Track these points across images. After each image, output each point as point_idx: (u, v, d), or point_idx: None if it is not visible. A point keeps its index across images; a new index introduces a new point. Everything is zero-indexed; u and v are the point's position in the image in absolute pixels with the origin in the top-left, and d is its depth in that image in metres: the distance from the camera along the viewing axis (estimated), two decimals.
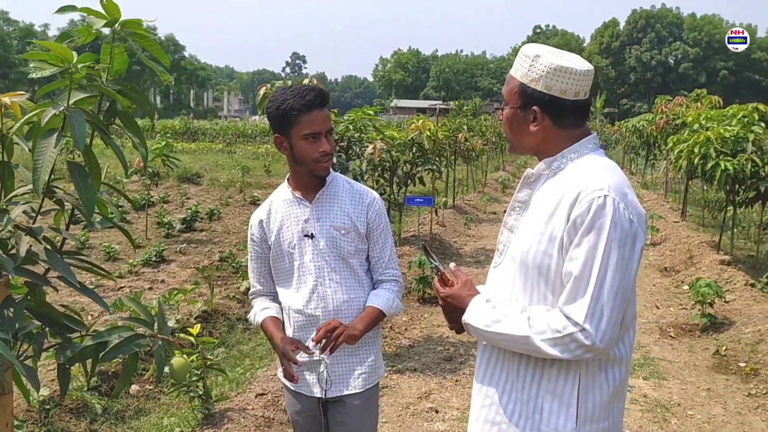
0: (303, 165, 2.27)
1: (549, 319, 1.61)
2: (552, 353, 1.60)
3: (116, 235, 10.21)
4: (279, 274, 2.42)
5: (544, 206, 1.72)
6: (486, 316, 1.72)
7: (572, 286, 1.60)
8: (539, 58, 1.73)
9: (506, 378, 1.80)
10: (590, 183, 1.64)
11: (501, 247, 1.86)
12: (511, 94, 1.79)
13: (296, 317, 2.37)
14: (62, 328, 2.10)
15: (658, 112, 13.21)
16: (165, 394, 4.44)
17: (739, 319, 6.15)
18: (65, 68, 1.68)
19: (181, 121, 40.63)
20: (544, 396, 1.72)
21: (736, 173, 7.73)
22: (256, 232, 2.42)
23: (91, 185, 1.70)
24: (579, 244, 1.60)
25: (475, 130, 16.67)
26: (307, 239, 2.32)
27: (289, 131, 2.23)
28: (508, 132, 1.85)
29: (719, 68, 77.98)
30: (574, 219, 1.61)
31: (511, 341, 1.68)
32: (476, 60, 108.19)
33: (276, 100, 2.24)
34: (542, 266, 1.68)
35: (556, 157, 1.77)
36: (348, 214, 2.36)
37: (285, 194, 2.39)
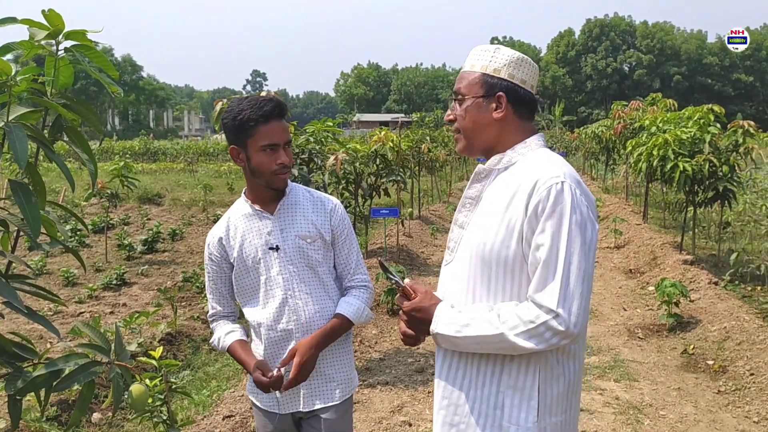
0: (260, 177, 2.21)
1: (519, 312, 1.60)
2: (528, 346, 1.59)
3: (75, 259, 9.93)
4: (243, 292, 2.33)
5: (498, 199, 1.73)
6: (454, 322, 1.68)
7: (541, 272, 1.60)
8: (500, 50, 1.80)
9: (464, 376, 1.77)
10: (546, 171, 1.67)
11: (452, 245, 1.85)
12: (472, 86, 1.80)
13: (268, 334, 2.28)
14: (12, 356, 1.99)
15: (616, 117, 13.43)
16: (129, 420, 4.28)
17: (704, 317, 6.23)
18: (4, 81, 1.59)
19: (141, 142, 40.04)
20: (505, 391, 1.71)
21: (695, 174, 7.88)
22: (215, 251, 2.32)
23: (35, 204, 1.60)
24: (543, 230, 1.61)
25: (438, 140, 16.75)
26: (272, 252, 2.25)
27: (245, 142, 2.17)
28: (467, 124, 1.82)
29: (672, 74, 80.00)
30: (534, 206, 1.62)
31: (483, 343, 1.65)
32: (436, 72, 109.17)
33: (232, 111, 2.18)
34: (500, 258, 1.68)
35: (507, 152, 1.79)
36: (312, 221, 2.31)
37: (243, 208, 2.32)
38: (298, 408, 2.31)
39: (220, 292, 2.38)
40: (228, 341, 2.31)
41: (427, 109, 70.41)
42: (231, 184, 19.13)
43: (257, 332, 2.30)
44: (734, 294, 6.87)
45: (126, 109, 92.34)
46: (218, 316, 2.40)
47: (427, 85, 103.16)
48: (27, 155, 1.54)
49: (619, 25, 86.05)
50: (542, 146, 1.81)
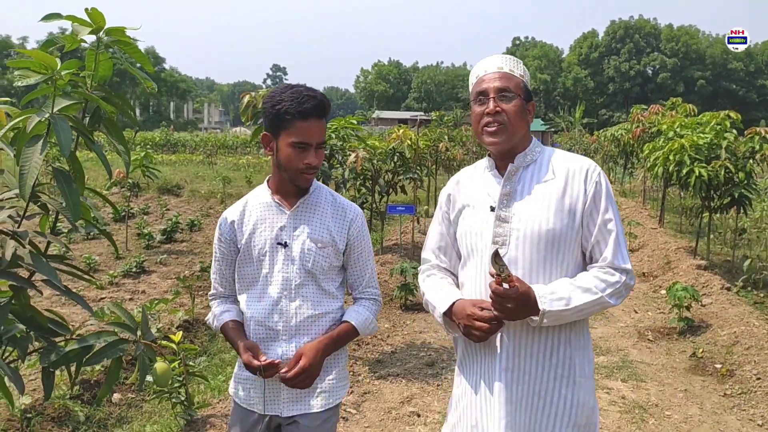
0: (285, 171, 2.16)
1: (605, 277, 1.96)
2: (613, 304, 1.98)
3: (96, 246, 10.16)
4: (243, 280, 2.27)
5: (548, 189, 2.02)
6: (558, 299, 1.92)
7: (614, 242, 1.98)
8: (521, 63, 2.12)
9: (539, 347, 2.01)
10: (587, 162, 2.06)
11: (500, 239, 2.03)
12: (519, 88, 2.05)
13: (256, 329, 2.22)
14: (47, 332, 2.12)
15: (634, 120, 13.41)
16: (147, 401, 4.43)
17: (715, 321, 6.27)
18: (49, 75, 1.72)
19: (162, 133, 40.44)
20: (574, 351, 2.03)
21: (710, 179, 7.89)
22: (226, 232, 2.27)
23: (75, 190, 1.73)
24: (607, 209, 2.00)
25: (456, 140, 16.81)
26: (280, 248, 2.19)
27: (278, 133, 2.12)
28: (515, 121, 2.04)
29: (696, 78, 79.17)
30: (594, 190, 2.00)
31: (585, 310, 1.95)
32: (457, 71, 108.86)
33: (273, 98, 2.11)
34: (565, 238, 1.99)
35: (527, 151, 2.09)
36: (328, 227, 2.23)
37: (263, 196, 2.26)
38: (280, 412, 2.23)
39: (223, 274, 2.32)
40: (223, 319, 2.28)
41: (446, 108, 70.25)
42: (249, 177, 19.33)
43: (248, 324, 2.26)
44: (746, 300, 6.90)
45: (147, 101, 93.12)
46: (218, 296, 2.37)
47: (447, 84, 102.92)
48: (70, 145, 1.67)
49: (644, 27, 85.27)
50: (543, 145, 2.15)
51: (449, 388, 4.90)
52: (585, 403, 2.04)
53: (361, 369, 5.23)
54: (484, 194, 2.10)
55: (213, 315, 2.34)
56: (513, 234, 2.01)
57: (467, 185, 2.20)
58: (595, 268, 2.00)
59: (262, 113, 2.19)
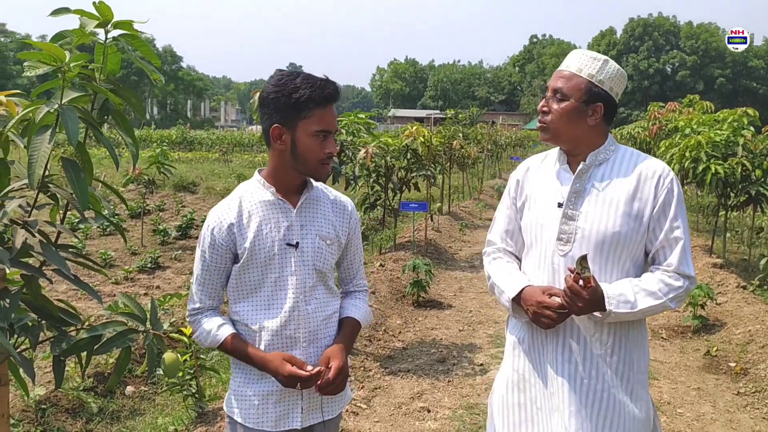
0: (304, 164, 1.99)
1: (670, 282, 2.01)
2: (673, 307, 2.03)
3: (112, 242, 10.27)
4: (243, 287, 2.04)
5: (618, 191, 2.05)
6: (625, 301, 1.97)
7: (681, 249, 2.01)
8: (608, 63, 2.09)
9: (601, 346, 2.06)
10: (660, 166, 2.07)
11: (565, 236, 2.08)
12: (576, 89, 2.06)
13: (271, 339, 2.01)
14: (58, 321, 2.16)
15: (651, 118, 13.31)
16: (159, 394, 4.49)
17: (730, 320, 6.21)
18: (58, 67, 1.75)
19: (178, 131, 40.72)
20: (633, 348, 2.09)
21: (727, 177, 7.81)
22: (222, 238, 2.00)
23: (84, 179, 1.76)
24: (676, 216, 2.02)
25: (471, 137, 16.77)
26: (290, 249, 2.02)
27: (296, 124, 1.94)
28: (560, 122, 2.08)
29: (716, 76, 78.25)
30: (665, 195, 2.02)
31: (648, 312, 2.01)
32: (473, 69, 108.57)
33: (285, 87, 1.93)
34: (629, 240, 2.03)
35: (600, 150, 2.10)
36: (332, 223, 2.13)
37: (262, 194, 2.05)
38: (320, 418, 2.10)
39: (213, 286, 2.07)
40: (222, 334, 2.02)
41: (462, 107, 70.09)
42: None
43: (254, 334, 2.03)
44: (762, 299, 6.83)
45: (164, 99, 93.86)
46: (205, 309, 2.09)
47: (463, 82, 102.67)
48: (78, 135, 1.70)
49: (663, 24, 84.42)
50: (618, 144, 2.16)
51: (460, 384, 4.91)
52: (644, 398, 2.12)
53: (371, 364, 5.25)
54: (552, 188, 2.16)
55: (206, 331, 2.05)
56: (578, 233, 2.06)
57: (536, 175, 2.25)
58: (660, 271, 2.04)
59: (267, 105, 1.97)
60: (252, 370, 2.03)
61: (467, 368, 5.25)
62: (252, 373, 2.04)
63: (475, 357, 5.52)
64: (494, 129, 23.92)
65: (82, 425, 3.96)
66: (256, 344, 2.02)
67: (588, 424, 2.05)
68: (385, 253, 9.10)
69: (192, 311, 2.10)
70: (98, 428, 3.99)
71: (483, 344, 5.88)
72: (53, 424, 3.87)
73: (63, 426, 3.89)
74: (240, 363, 2.06)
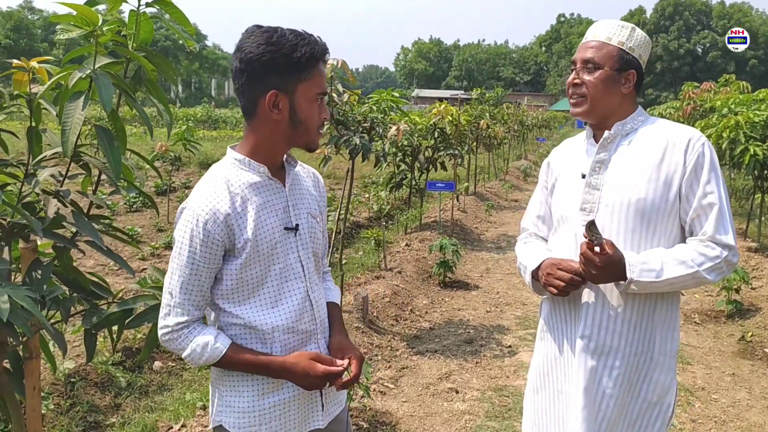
0: (304, 134, 1.72)
1: (704, 251, 1.87)
2: (710, 279, 1.87)
3: (139, 219, 10.33)
4: (245, 286, 1.72)
5: (643, 158, 1.94)
6: (649, 269, 1.85)
7: (716, 216, 1.87)
8: (635, 30, 2.01)
9: (616, 321, 1.95)
10: (690, 131, 1.95)
11: (588, 206, 2.00)
12: (608, 57, 1.98)
13: (285, 339, 1.76)
14: (89, 294, 2.13)
15: (686, 98, 13.00)
16: (187, 369, 4.49)
17: (765, 305, 6.05)
18: (91, 30, 1.69)
19: (203, 109, 40.91)
20: (655, 328, 1.97)
21: (766, 159, 7.59)
22: (218, 232, 1.65)
23: (117, 148, 1.71)
24: (709, 181, 1.89)
25: (498, 117, 16.56)
26: (290, 233, 1.77)
27: (294, 87, 1.65)
28: (596, 92, 1.99)
29: (748, 57, 76.47)
30: (695, 160, 1.89)
31: (677, 283, 1.87)
32: (499, 50, 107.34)
33: (281, 45, 1.61)
34: (659, 208, 1.91)
35: (627, 120, 2.02)
36: (315, 198, 1.90)
37: (248, 176, 1.72)
38: (337, 410, 1.94)
39: (203, 292, 1.71)
40: (225, 344, 1.70)
41: (487, 87, 69.38)
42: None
43: (265, 336, 1.74)
44: None
45: (189, 78, 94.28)
46: (191, 322, 1.71)
47: (488, 63, 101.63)
48: (111, 101, 1.64)
49: (694, 4, 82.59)
50: (648, 115, 2.07)
51: (488, 365, 4.84)
52: (660, 382, 2.00)
53: (398, 344, 5.20)
54: (579, 162, 2.09)
55: (200, 346, 1.68)
56: (602, 201, 1.98)
57: (565, 154, 2.21)
58: (695, 240, 1.91)
59: (258, 69, 1.63)
60: (265, 379, 1.74)
61: (495, 350, 5.19)
62: (266, 382, 1.75)
63: (503, 338, 5.45)
64: (520, 109, 23.63)
65: (110, 399, 3.97)
66: (268, 347, 1.73)
67: (592, 401, 1.99)
68: (410, 233, 9.04)
69: (176, 327, 1.69)
70: (126, 402, 4.00)
71: (511, 326, 5.80)
72: (82, 397, 3.88)
73: (92, 399, 3.90)
74: (245, 375, 1.75)
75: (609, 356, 1.97)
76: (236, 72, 1.66)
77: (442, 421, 3.99)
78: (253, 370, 1.72)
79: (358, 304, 5.42)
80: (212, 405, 1.83)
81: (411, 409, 4.13)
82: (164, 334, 1.71)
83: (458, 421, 3.98)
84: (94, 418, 3.77)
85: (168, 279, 1.71)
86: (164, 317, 1.71)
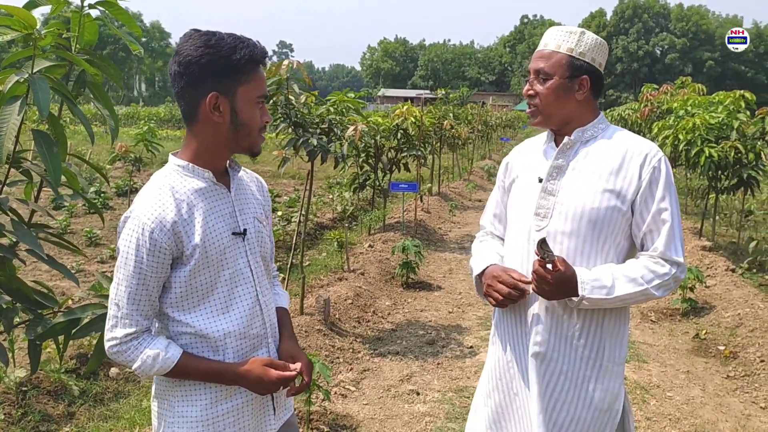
0: (246, 137, 1.70)
1: (653, 268, 1.90)
2: (658, 296, 1.92)
3: (98, 220, 10.12)
4: (194, 293, 1.70)
5: (598, 167, 1.95)
6: (600, 286, 1.88)
7: (668, 232, 1.90)
8: (585, 34, 2.00)
9: (568, 329, 1.98)
10: (648, 146, 1.97)
11: (542, 211, 2.01)
12: (558, 66, 1.98)
13: (238, 345, 1.74)
14: (33, 303, 2.07)
15: (643, 99, 13.24)
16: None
17: (719, 303, 6.20)
18: (29, 33, 1.64)
19: (166, 108, 40.33)
20: (606, 337, 1.99)
21: (720, 160, 7.78)
22: (165, 240, 1.62)
23: (56, 153, 1.66)
24: (664, 197, 1.91)
25: (462, 118, 16.65)
26: (238, 238, 1.75)
27: (235, 90, 1.64)
28: (548, 102, 2.00)
29: (705, 59, 78.39)
30: (650, 175, 1.91)
31: (627, 300, 1.91)
32: (464, 50, 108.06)
33: (220, 47, 1.61)
34: (609, 218, 1.93)
35: (588, 126, 2.02)
36: (260, 202, 1.89)
37: (193, 182, 1.69)
38: (287, 415, 1.95)
39: (151, 301, 1.68)
40: (176, 353, 1.67)
41: (453, 86, 69.70)
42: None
43: (216, 343, 1.72)
44: (751, 282, 6.83)
45: (153, 76, 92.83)
46: (140, 332, 1.67)
47: (454, 62, 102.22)
48: (49, 105, 1.59)
49: (653, 6, 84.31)
50: (609, 123, 2.07)
51: (449, 366, 4.86)
52: (609, 389, 2.02)
53: (360, 346, 5.19)
54: (536, 165, 2.10)
55: (150, 357, 1.65)
56: (556, 208, 1.99)
57: (524, 155, 2.21)
58: (645, 256, 1.94)
59: (196, 71, 1.61)
60: (218, 386, 1.73)
61: (456, 350, 5.21)
62: (219, 389, 1.73)
63: (465, 339, 5.48)
64: (484, 109, 23.80)
65: (64, 408, 3.87)
66: (220, 354, 1.71)
67: (545, 407, 2.02)
68: (374, 234, 9.03)
69: (124, 338, 1.64)
70: (81, 411, 3.91)
71: (472, 326, 5.84)
72: (35, 406, 3.78)
73: (45, 408, 3.81)
74: (197, 383, 1.72)
75: (558, 362, 1.99)
76: (175, 75, 1.63)
77: (403, 423, 4.00)
78: (206, 378, 1.70)
79: (320, 306, 5.39)
80: (159, 418, 1.78)
81: (372, 412, 4.12)
82: (112, 347, 1.67)
83: (419, 423, 3.99)
84: (46, 428, 3.68)
85: (114, 290, 1.67)
86: (111, 329, 1.66)
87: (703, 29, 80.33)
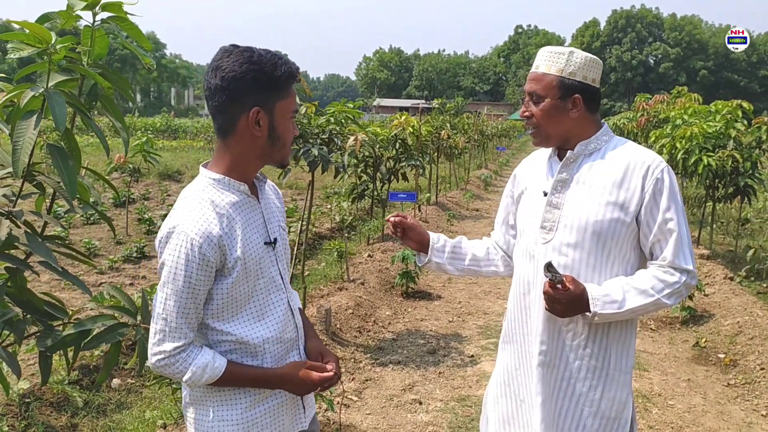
0: (280, 150, 1.76)
1: (663, 278, 1.92)
2: (670, 304, 1.95)
3: (96, 231, 10.11)
4: (234, 303, 1.75)
5: (602, 179, 1.98)
6: (611, 301, 1.91)
7: (675, 241, 1.92)
8: (574, 53, 2.02)
9: (573, 338, 2.01)
10: (650, 157, 1.98)
11: (548, 224, 2.05)
12: (549, 88, 2.01)
13: (275, 350, 1.82)
14: (44, 315, 2.08)
15: (639, 109, 13.32)
16: (147, 387, 4.40)
17: (718, 311, 6.23)
18: (44, 48, 1.66)
19: (162, 119, 40.33)
20: (611, 345, 2.01)
21: (717, 169, 7.83)
22: (213, 255, 1.66)
23: (72, 167, 1.68)
24: (669, 207, 1.92)
25: (458, 127, 16.71)
26: (269, 247, 1.82)
27: (274, 105, 1.69)
28: (544, 123, 2.04)
29: (698, 68, 78.97)
30: (653, 186, 1.93)
31: (639, 311, 1.93)
32: (459, 59, 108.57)
33: (263, 63, 1.65)
34: (614, 230, 1.95)
35: (591, 139, 2.04)
36: (280, 210, 1.96)
37: (228, 195, 1.73)
38: (314, 410, 2.05)
39: (198, 313, 1.72)
40: (222, 362, 1.73)
41: (448, 96, 70.03)
42: None
43: (257, 349, 1.78)
44: (749, 290, 6.86)
45: (148, 87, 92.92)
46: (188, 346, 1.70)
47: (449, 72, 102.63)
48: (65, 119, 1.61)
49: (646, 16, 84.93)
50: (612, 134, 2.09)
51: (451, 375, 4.87)
52: (616, 398, 2.04)
53: (361, 356, 5.20)
54: (542, 178, 2.14)
55: (200, 368, 1.69)
56: (561, 221, 2.02)
57: (531, 168, 2.25)
58: (654, 266, 1.96)
59: (241, 87, 1.64)
60: (255, 389, 1.80)
61: (457, 359, 5.22)
62: (257, 392, 1.81)
63: (465, 348, 5.49)
64: (480, 119, 23.90)
65: (67, 419, 3.87)
66: (258, 359, 1.79)
67: (551, 415, 2.05)
68: (373, 244, 9.04)
69: (173, 351, 1.68)
70: (84, 422, 3.90)
71: (473, 335, 5.85)
72: (38, 418, 3.77)
73: (48, 420, 3.80)
74: (236, 388, 1.79)
75: (564, 370, 2.02)
76: (215, 89, 1.65)
77: None
78: (253, 384, 1.79)
79: (321, 316, 5.39)
80: (197, 424, 1.81)
81: (375, 422, 4.12)
82: (160, 360, 1.69)
83: None
84: None
85: (161, 304, 1.69)
86: (159, 343, 1.69)
87: (696, 39, 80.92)
